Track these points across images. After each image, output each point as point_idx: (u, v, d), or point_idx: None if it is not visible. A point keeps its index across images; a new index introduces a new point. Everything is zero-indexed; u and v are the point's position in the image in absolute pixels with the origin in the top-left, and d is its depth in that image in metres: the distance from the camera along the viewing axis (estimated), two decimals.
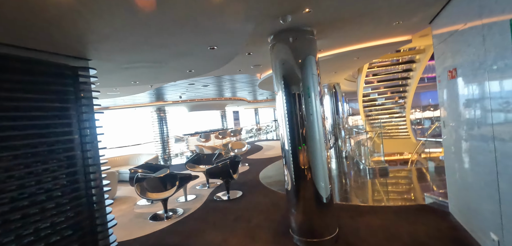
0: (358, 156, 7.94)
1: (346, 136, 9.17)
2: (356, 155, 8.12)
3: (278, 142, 15.60)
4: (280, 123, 3.47)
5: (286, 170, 3.48)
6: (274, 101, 19.48)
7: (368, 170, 6.43)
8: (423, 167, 7.66)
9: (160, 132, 12.52)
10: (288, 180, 3.45)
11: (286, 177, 3.50)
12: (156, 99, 11.23)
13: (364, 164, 6.91)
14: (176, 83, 7.18)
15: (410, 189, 5.34)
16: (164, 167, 6.43)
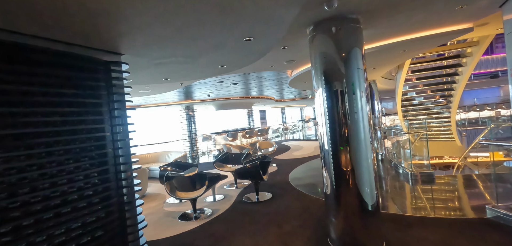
0: (396, 159, 7.32)
1: (382, 137, 8.53)
2: (394, 158, 7.49)
3: (306, 142, 15.13)
4: (319, 122, 3.16)
5: (325, 172, 3.16)
6: (302, 100, 18.97)
7: (410, 176, 5.85)
8: (474, 173, 6.85)
9: (188, 131, 12.69)
10: (327, 183, 3.13)
11: (324, 179, 3.19)
12: (185, 98, 11.37)
13: (404, 168, 6.32)
14: (205, 81, 7.11)
15: (462, 199, 4.72)
16: (192, 165, 6.38)
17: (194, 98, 11.58)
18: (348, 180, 2.96)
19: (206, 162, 11.39)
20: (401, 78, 7.74)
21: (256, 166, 5.20)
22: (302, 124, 28.54)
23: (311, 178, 6.75)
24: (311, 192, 5.54)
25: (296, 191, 5.78)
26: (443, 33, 3.59)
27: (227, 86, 8.87)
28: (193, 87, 8.28)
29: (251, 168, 5.26)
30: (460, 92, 7.71)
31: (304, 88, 9.47)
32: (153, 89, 6.11)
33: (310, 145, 13.53)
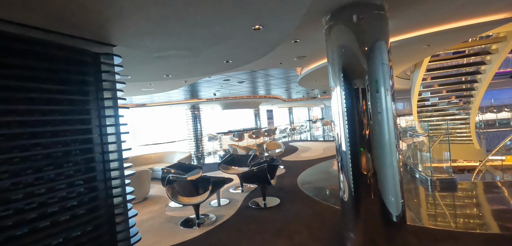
0: (413, 163, 6.87)
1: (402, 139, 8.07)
2: (410, 162, 7.04)
3: (314, 143, 14.71)
4: (336, 122, 2.81)
5: (342, 175, 2.81)
6: (309, 100, 18.54)
7: (430, 182, 5.42)
8: (497, 180, 6.36)
9: (193, 130, 12.44)
10: (344, 188, 2.78)
11: (341, 184, 2.84)
12: (191, 97, 11.11)
13: (421, 173, 5.89)
14: (210, 79, 6.80)
15: (492, 209, 4.28)
16: (196, 167, 6.09)
17: (200, 97, 11.32)
18: (369, 186, 2.62)
19: (212, 163, 11.11)
20: (419, 76, 7.27)
21: (263, 170, 4.86)
22: (309, 124, 28.06)
23: (322, 182, 6.38)
24: (322, 198, 5.17)
25: (306, 196, 5.42)
26: (476, 24, 3.18)
27: (234, 85, 8.56)
28: (198, 85, 8.00)
29: (258, 172, 4.93)
30: (482, 92, 7.20)
31: (314, 87, 9.09)
32: (156, 87, 5.84)
33: (318, 146, 13.11)
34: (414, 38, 3.51)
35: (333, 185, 5.99)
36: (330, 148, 12.07)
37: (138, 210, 5.71)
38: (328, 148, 12.31)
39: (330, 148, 12.26)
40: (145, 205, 5.83)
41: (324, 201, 4.96)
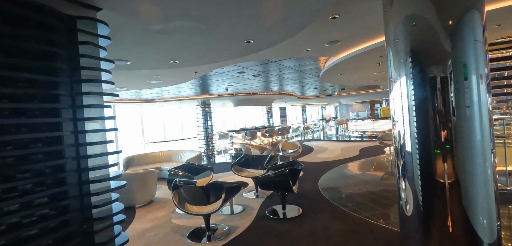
0: None
1: None
2: None
3: (329, 143, 13.89)
4: (397, 119, 2.12)
5: (404, 183, 2.12)
6: (325, 97, 17.68)
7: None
8: None
9: (204, 128, 11.88)
10: (407, 199, 2.10)
11: (402, 193, 2.15)
12: (201, 92, 10.53)
13: None
14: (223, 70, 6.15)
15: None
16: (207, 169, 5.46)
17: (211, 93, 10.71)
18: (447, 200, 1.91)
19: (222, 162, 10.51)
20: None
21: (284, 175, 4.17)
22: (323, 123, 27.16)
23: (347, 188, 5.63)
24: (351, 208, 4.44)
25: (331, 205, 4.70)
26: None
27: (248, 78, 7.88)
28: (210, 78, 7.36)
29: (278, 177, 4.24)
30: None
31: (338, 82, 8.29)
32: (164, 78, 5.25)
33: (335, 147, 12.31)
34: None
35: (361, 193, 5.25)
36: (348, 149, 11.25)
37: (141, 216, 5.16)
38: (346, 148, 11.49)
39: (348, 148, 11.44)
40: (150, 209, 5.26)
41: (354, 213, 4.23)
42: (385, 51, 2.21)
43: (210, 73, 6.43)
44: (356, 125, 16.92)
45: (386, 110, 16.61)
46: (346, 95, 16.98)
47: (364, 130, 16.56)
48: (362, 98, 18.16)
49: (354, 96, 17.26)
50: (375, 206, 4.51)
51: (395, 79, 2.07)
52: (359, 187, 5.64)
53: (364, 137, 15.80)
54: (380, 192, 5.21)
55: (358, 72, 6.01)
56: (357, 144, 12.71)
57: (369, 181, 6.05)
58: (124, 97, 9.63)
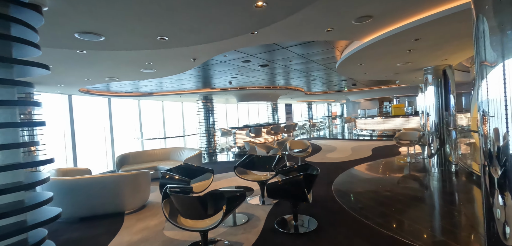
0: None
1: (458, 141, 6.43)
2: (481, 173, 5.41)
3: (337, 142, 13.14)
4: (490, 112, 1.37)
5: (501, 198, 1.39)
6: (332, 94, 16.86)
7: None
8: None
9: (205, 124, 11.19)
10: (508, 221, 1.35)
11: (498, 211, 1.43)
12: (203, 86, 9.83)
13: None
14: (226, 59, 5.43)
15: None
16: (206, 170, 4.77)
17: (213, 86, 10.01)
18: None
19: (225, 161, 9.82)
20: None
21: (298, 182, 3.45)
22: (329, 121, 26.33)
23: (366, 195, 4.89)
24: (377, 222, 3.71)
25: (351, 217, 3.98)
26: None
27: (253, 70, 7.15)
28: (211, 68, 6.65)
29: (290, 184, 3.53)
30: None
31: (354, 74, 7.50)
32: (157, 65, 4.55)
33: (344, 146, 11.56)
34: None
35: (382, 200, 4.51)
36: (359, 149, 10.50)
37: (130, 225, 4.45)
38: (357, 148, 10.74)
39: (358, 148, 10.68)
40: (140, 216, 4.59)
41: (383, 229, 3.50)
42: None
43: (211, 61, 5.72)
44: (365, 123, 16.10)
45: (397, 107, 15.75)
46: (356, 91, 16.16)
47: (373, 129, 15.74)
48: (371, 95, 17.32)
49: (364, 92, 16.44)
50: (403, 219, 3.77)
51: (493, 62, 1.34)
52: (378, 193, 4.89)
53: (373, 136, 15.01)
54: (405, 201, 4.47)
55: (382, 62, 5.25)
56: (368, 144, 11.94)
57: (388, 186, 5.30)
58: (118, 90, 8.97)
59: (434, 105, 6.26)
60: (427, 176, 5.99)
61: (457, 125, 6.22)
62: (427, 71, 6.35)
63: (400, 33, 3.32)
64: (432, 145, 6.38)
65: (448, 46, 4.15)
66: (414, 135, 7.91)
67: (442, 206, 4.32)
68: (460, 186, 5.29)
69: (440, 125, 6.21)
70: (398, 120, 14.95)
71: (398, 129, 15.22)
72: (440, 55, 4.77)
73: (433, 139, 6.34)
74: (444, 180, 5.63)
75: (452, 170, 6.17)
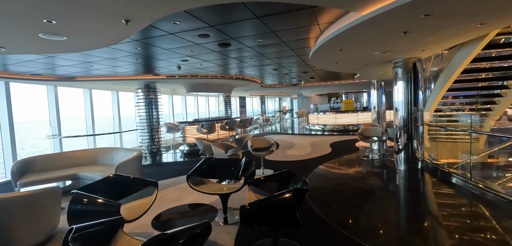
0: (461, 173, 5.06)
1: (424, 136, 6.28)
2: (454, 170, 5.23)
3: (293, 137, 12.69)
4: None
5: None
6: (286, 88, 16.45)
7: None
8: None
9: (147, 118, 9.36)
10: None
11: None
12: (145, 71, 8.06)
13: (475, 186, 4.04)
14: (177, 29, 4.06)
15: None
16: (147, 183, 3.41)
17: (158, 73, 8.30)
18: None
19: (172, 162, 8.28)
20: (467, 59, 5.44)
21: (287, 202, 2.42)
22: (280, 115, 26.26)
23: (347, 202, 4.15)
24: (372, 241, 2.93)
25: (345, 238, 3.13)
26: None
27: (209, 51, 5.86)
28: (155, 45, 5.13)
29: (276, 206, 2.47)
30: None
31: (326, 64, 6.75)
32: (66, 28, 2.98)
33: (301, 142, 11.09)
34: None
35: (372, 212, 3.82)
36: (316, 144, 10.11)
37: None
38: (314, 144, 10.35)
39: (316, 144, 10.30)
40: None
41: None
42: None
43: (155, 33, 4.27)
44: (318, 118, 16.14)
45: (348, 103, 16.17)
46: (311, 85, 16.01)
47: (325, 123, 15.87)
48: (323, 89, 17.48)
49: (318, 87, 16.41)
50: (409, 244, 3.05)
51: None
52: (360, 200, 4.20)
53: (325, 131, 15.08)
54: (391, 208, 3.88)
55: (362, 49, 4.59)
56: (323, 139, 11.72)
57: (367, 190, 4.71)
58: (21, 71, 6.65)
59: (403, 100, 5.96)
60: (398, 174, 5.66)
61: (423, 121, 6.03)
62: (397, 64, 6.01)
63: (411, 3, 2.54)
64: (400, 140, 6.09)
65: (444, 30, 3.61)
66: (377, 131, 7.70)
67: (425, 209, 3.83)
68: (429, 184, 5.00)
69: (408, 120, 5.95)
70: (348, 115, 15.31)
71: (348, 124, 15.66)
72: (429, 42, 4.29)
73: (401, 134, 6.05)
74: (411, 178, 5.33)
75: (418, 166, 5.98)
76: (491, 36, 4.91)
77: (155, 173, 6.76)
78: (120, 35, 3.45)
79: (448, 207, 3.97)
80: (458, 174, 4.95)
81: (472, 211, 3.80)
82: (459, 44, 5.52)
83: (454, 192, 4.53)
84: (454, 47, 5.86)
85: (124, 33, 3.33)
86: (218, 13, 3.50)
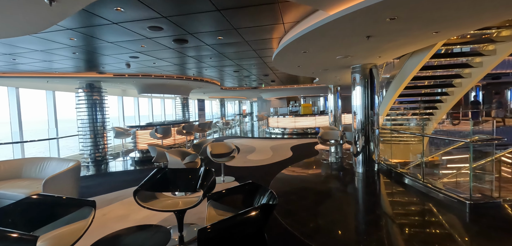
0: (411, 173, 5.32)
1: (381, 139, 6.54)
2: (406, 171, 5.49)
3: (255, 141, 12.51)
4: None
5: None
6: (246, 91, 16.26)
7: (469, 208, 3.78)
8: None
9: (90, 122, 8.21)
10: None
11: None
12: (86, 68, 7.04)
13: (439, 191, 4.27)
14: (122, 18, 3.48)
15: None
16: (83, 203, 2.78)
17: (103, 70, 7.33)
18: None
19: (121, 172, 7.38)
20: (417, 68, 5.79)
21: (251, 221, 2.09)
22: (240, 118, 25.99)
23: (311, 210, 4.00)
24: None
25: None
26: None
27: (163, 47, 5.29)
28: (98, 38, 4.41)
29: (242, 225, 2.12)
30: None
31: (288, 66, 6.63)
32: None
33: (262, 145, 10.94)
34: None
35: (338, 220, 3.71)
36: (277, 148, 10.04)
37: None
38: (275, 147, 10.27)
39: (277, 147, 10.23)
40: None
41: None
42: None
43: (97, 22, 3.61)
44: (278, 121, 16.26)
45: (306, 106, 16.59)
46: (271, 89, 16.05)
47: (285, 127, 16.05)
48: (283, 93, 17.72)
49: (278, 90, 16.53)
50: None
51: None
52: (326, 208, 4.09)
53: (285, 134, 15.24)
54: (360, 214, 3.84)
55: (326, 52, 4.53)
56: (284, 142, 11.74)
57: (332, 196, 4.65)
58: None
59: (361, 104, 6.13)
60: (357, 176, 5.77)
61: (380, 124, 6.29)
62: (355, 69, 6.17)
63: (379, 4, 2.45)
64: (358, 143, 6.25)
65: (401, 37, 3.68)
66: (336, 134, 7.86)
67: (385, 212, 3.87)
68: (385, 185, 5.17)
69: (366, 124, 6.13)
70: (307, 118, 15.70)
71: (307, 127, 16.06)
72: (386, 49, 4.40)
73: (359, 137, 6.21)
74: (369, 180, 5.48)
75: (375, 168, 6.19)
76: (438, 46, 5.28)
77: (98, 186, 5.88)
78: (46, 21, 2.77)
79: (400, 205, 4.07)
80: (410, 175, 5.21)
81: (422, 208, 3.95)
82: (409, 53, 5.86)
83: (406, 191, 4.74)
84: (404, 55, 6.24)
85: (50, 18, 2.67)
86: (172, 1, 3.04)
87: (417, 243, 2.95)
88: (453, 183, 5.38)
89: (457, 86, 6.74)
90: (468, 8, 2.67)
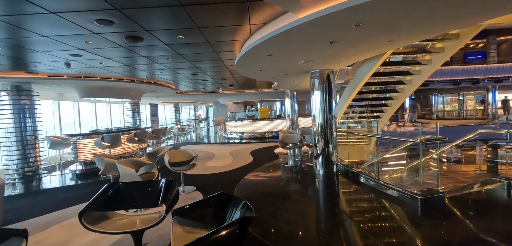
0: (367, 172, 5.66)
1: (338, 141, 6.85)
2: (362, 170, 5.81)
3: (212, 147, 12.14)
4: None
5: None
6: (202, 95, 15.75)
7: (420, 202, 4.12)
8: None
9: (16, 130, 6.91)
10: None
11: None
12: (12, 67, 5.91)
13: (392, 187, 4.61)
14: (63, 8, 2.95)
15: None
16: (11, 234, 2.22)
17: (34, 69, 6.25)
18: None
19: (58, 188, 6.35)
20: (370, 72, 6.23)
21: (231, 238, 1.88)
22: (196, 124, 25.10)
23: (280, 216, 3.92)
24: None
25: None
26: None
27: (112, 45, 4.71)
28: (29, 30, 3.70)
29: (218, 243, 1.88)
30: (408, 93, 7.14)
31: (252, 71, 6.49)
32: None
33: (221, 151, 10.65)
34: None
35: (308, 224, 3.69)
36: (237, 153, 9.86)
37: None
38: (235, 153, 10.08)
39: (237, 153, 10.06)
40: None
41: None
42: None
43: (27, 9, 3.00)
44: (236, 126, 16.10)
45: (264, 111, 16.77)
46: (229, 93, 15.81)
47: (243, 131, 15.97)
48: (240, 98, 17.64)
49: (235, 95, 16.37)
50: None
51: None
52: (294, 213, 4.05)
53: (243, 139, 15.14)
54: (326, 216, 3.89)
55: (289, 56, 4.53)
56: (242, 147, 11.61)
57: (298, 200, 4.66)
58: None
59: (320, 108, 6.35)
60: (318, 178, 5.92)
61: (338, 127, 6.59)
62: (314, 74, 6.37)
63: (347, 10, 2.50)
64: (318, 145, 6.44)
65: (360, 44, 3.87)
66: (296, 138, 8.02)
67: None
68: (344, 185, 5.41)
69: (325, 127, 6.36)
70: (264, 123, 15.86)
71: (265, 131, 16.21)
72: (345, 55, 4.59)
73: (319, 139, 6.41)
74: (329, 181, 5.69)
75: (333, 170, 6.44)
76: (387, 55, 5.75)
77: (30, 207, 4.94)
78: None
79: (358, 201, 4.27)
80: (365, 174, 5.54)
81: (380, 205, 4.20)
82: (362, 60, 6.28)
83: (361, 189, 5.02)
84: (356, 63, 6.67)
85: None
86: None
87: (378, 238, 3.07)
88: (398, 179, 5.90)
89: (400, 92, 7.48)
90: (422, 19, 2.90)
